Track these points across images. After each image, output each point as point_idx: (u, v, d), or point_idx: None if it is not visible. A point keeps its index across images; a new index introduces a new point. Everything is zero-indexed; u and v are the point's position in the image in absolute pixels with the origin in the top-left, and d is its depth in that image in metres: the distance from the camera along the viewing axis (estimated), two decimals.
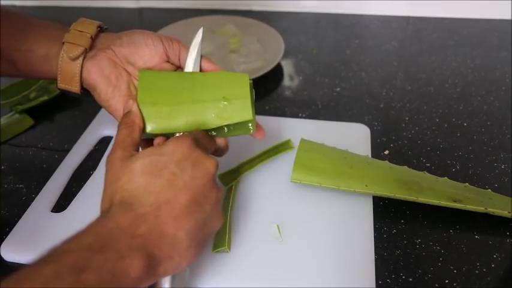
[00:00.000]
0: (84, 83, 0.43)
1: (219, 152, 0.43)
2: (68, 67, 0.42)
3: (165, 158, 0.35)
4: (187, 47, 0.44)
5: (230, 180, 0.51)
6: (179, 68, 0.45)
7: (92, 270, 0.27)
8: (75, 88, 0.43)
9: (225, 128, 0.42)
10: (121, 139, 0.37)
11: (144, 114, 0.40)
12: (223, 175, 0.51)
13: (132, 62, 0.43)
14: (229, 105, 0.41)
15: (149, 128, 0.40)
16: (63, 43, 0.42)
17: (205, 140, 0.39)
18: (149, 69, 0.43)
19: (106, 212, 0.33)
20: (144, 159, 0.34)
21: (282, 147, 0.55)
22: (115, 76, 0.42)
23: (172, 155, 0.35)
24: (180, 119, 0.40)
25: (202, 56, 0.44)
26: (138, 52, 0.43)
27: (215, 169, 0.36)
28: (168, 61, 0.44)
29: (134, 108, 0.40)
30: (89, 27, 0.43)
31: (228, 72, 0.43)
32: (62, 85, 0.43)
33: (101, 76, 0.42)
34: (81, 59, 0.42)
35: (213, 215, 0.35)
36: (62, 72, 0.42)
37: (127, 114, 0.40)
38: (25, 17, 0.44)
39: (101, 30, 0.44)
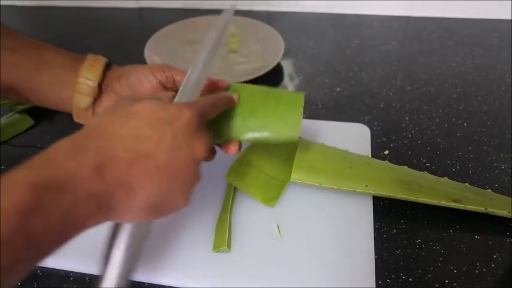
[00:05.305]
0: None
1: None
2: (81, 113, 0.46)
3: (170, 115, 0.33)
4: (179, 69, 0.44)
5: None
6: (176, 91, 0.42)
7: (41, 213, 0.24)
8: None
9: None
10: (203, 102, 0.37)
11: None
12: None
13: None
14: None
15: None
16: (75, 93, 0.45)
17: (209, 110, 0.38)
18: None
19: (87, 134, 0.30)
20: (157, 107, 0.33)
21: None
22: None
23: (179, 121, 0.33)
24: None
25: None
26: (137, 93, 0.45)
27: (202, 156, 0.34)
28: (165, 88, 0.44)
29: (235, 97, 0.42)
30: (95, 72, 0.45)
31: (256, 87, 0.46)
32: (78, 120, 0.47)
33: None
34: (91, 108, 0.46)
35: (180, 194, 0.33)
36: (76, 115, 0.47)
37: (223, 95, 0.41)
38: (38, 51, 0.46)
39: (108, 64, 0.47)
